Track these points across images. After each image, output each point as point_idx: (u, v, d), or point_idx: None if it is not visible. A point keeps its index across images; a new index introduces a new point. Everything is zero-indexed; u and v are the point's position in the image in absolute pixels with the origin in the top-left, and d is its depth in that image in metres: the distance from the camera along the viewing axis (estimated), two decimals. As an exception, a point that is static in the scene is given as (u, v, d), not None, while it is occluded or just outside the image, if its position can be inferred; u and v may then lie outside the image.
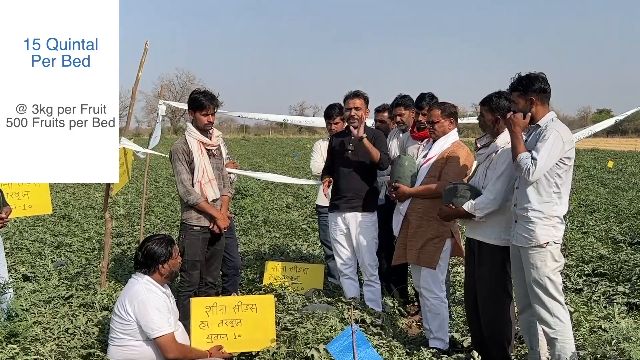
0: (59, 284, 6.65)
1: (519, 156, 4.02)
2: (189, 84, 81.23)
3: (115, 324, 4.30)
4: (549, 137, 3.97)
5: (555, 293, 4.05)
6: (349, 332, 3.60)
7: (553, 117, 4.16)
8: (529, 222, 4.09)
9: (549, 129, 4.03)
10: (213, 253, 5.45)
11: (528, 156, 3.98)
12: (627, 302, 6.08)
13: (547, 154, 3.95)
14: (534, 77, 4.16)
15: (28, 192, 5.37)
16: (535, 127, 4.19)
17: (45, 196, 5.50)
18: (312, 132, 68.46)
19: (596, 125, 7.68)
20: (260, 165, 26.07)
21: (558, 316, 4.06)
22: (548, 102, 4.21)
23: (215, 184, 5.31)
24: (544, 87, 4.14)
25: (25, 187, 5.35)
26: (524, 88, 4.15)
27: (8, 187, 5.25)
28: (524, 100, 4.16)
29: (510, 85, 4.24)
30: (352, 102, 5.67)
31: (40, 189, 5.45)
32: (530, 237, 4.07)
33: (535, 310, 4.14)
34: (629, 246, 8.54)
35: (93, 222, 11.36)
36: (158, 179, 20.01)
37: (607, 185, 17.40)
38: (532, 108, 4.14)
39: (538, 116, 4.16)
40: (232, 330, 4.64)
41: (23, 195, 5.35)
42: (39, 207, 5.53)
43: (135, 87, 6.25)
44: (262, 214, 12.29)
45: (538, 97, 4.14)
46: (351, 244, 5.79)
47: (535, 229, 4.05)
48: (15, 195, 5.31)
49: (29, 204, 5.39)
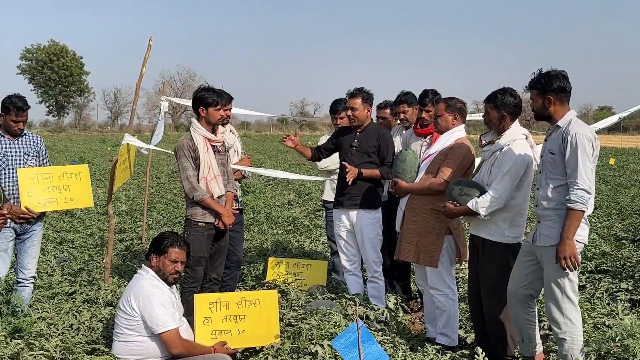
0: (62, 280, 6.67)
1: (579, 199, 3.85)
2: (190, 81, 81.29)
3: (120, 320, 4.30)
4: (579, 153, 3.87)
5: (571, 293, 4.03)
6: (354, 328, 3.60)
7: (572, 117, 4.07)
8: (553, 221, 4.05)
9: (570, 137, 3.91)
10: (217, 249, 5.45)
11: (582, 194, 3.85)
12: (630, 298, 6.08)
13: (585, 171, 3.87)
14: (554, 75, 4.07)
15: (69, 186, 5.42)
16: (555, 128, 4.11)
17: (87, 190, 5.55)
18: (313, 129, 68.50)
19: (599, 122, 7.65)
20: (262, 162, 26.06)
21: (570, 317, 4.04)
22: (568, 101, 4.12)
23: (221, 180, 5.32)
24: (563, 87, 4.07)
25: (66, 181, 5.41)
26: (543, 87, 4.09)
27: (49, 180, 5.32)
28: (542, 99, 4.10)
29: (530, 83, 4.18)
30: (349, 103, 5.71)
31: (82, 183, 5.51)
32: (553, 236, 4.03)
33: (547, 309, 4.12)
34: (631, 243, 8.54)
35: (95, 219, 11.36)
36: (160, 175, 20.00)
37: (609, 183, 17.38)
38: (549, 108, 4.09)
39: (557, 116, 4.09)
40: (235, 326, 4.65)
41: (65, 189, 5.40)
42: (80, 200, 5.59)
43: (139, 83, 6.25)
44: (264, 211, 12.29)
45: (557, 96, 4.06)
46: (355, 241, 5.80)
47: (559, 228, 3.99)
48: (57, 188, 5.36)
49: (71, 197, 5.44)
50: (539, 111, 4.16)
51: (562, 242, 3.90)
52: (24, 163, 5.36)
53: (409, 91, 6.23)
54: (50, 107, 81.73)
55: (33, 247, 5.41)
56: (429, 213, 4.95)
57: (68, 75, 79.85)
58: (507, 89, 4.53)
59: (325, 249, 8.45)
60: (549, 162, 4.09)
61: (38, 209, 5.26)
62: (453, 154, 4.94)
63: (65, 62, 79.30)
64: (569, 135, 3.94)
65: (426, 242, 4.99)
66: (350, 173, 5.52)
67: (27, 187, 5.21)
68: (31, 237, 5.37)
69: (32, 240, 5.39)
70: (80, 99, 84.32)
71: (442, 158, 4.98)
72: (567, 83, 4.09)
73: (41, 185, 5.29)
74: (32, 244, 5.39)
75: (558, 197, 4.03)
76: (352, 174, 5.53)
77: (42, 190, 5.29)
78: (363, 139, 5.72)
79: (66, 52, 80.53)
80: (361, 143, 5.70)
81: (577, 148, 3.89)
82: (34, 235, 5.40)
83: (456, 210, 4.60)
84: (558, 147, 4.01)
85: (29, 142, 5.46)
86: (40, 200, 5.28)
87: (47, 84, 79.58)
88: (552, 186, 4.06)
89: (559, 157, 4.00)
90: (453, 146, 4.98)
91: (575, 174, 3.88)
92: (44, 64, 78.57)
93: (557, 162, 4.02)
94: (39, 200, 5.27)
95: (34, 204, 5.21)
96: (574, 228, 3.90)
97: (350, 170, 5.53)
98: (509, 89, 4.53)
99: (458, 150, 4.96)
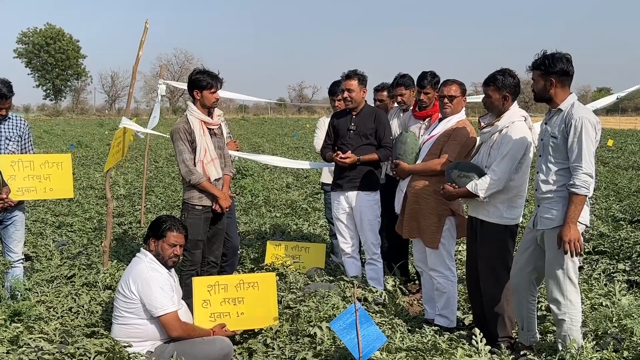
0: (61, 264, 6.69)
1: (583, 184, 3.85)
2: (187, 64, 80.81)
3: (119, 303, 4.31)
4: (583, 137, 3.86)
5: (573, 275, 4.03)
6: (352, 310, 3.61)
7: (574, 100, 4.04)
8: (554, 203, 4.04)
9: (575, 121, 3.89)
10: (215, 232, 5.46)
11: (586, 179, 3.85)
12: (628, 279, 6.11)
13: (588, 155, 3.85)
14: (558, 57, 4.04)
15: (50, 175, 5.39)
16: (557, 111, 4.08)
17: (67, 180, 5.51)
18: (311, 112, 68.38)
19: (597, 102, 7.60)
20: (260, 146, 26.01)
21: (570, 299, 4.04)
22: (569, 84, 4.10)
23: (218, 163, 5.31)
24: (566, 70, 4.04)
25: (47, 171, 5.38)
26: (546, 68, 4.05)
27: (30, 169, 5.30)
28: (544, 81, 4.07)
29: (533, 63, 4.14)
30: (345, 84, 5.68)
31: (62, 173, 5.47)
32: (555, 218, 4.02)
33: (548, 290, 4.12)
34: (629, 224, 8.56)
35: (93, 202, 11.36)
36: (158, 159, 19.98)
37: (607, 164, 17.40)
38: (551, 90, 4.06)
39: (558, 99, 4.07)
40: (234, 309, 4.67)
41: (45, 178, 5.37)
42: (60, 190, 5.54)
43: (135, 66, 6.22)
44: (262, 194, 12.29)
45: (559, 79, 4.03)
46: (354, 223, 5.80)
47: (561, 209, 3.99)
48: (37, 177, 5.33)
49: (50, 187, 5.41)
50: (539, 92, 4.14)
51: (565, 226, 3.90)
52: (5, 148, 5.33)
53: (406, 73, 6.19)
54: (47, 91, 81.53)
55: (17, 232, 5.41)
56: (430, 195, 4.96)
57: (65, 59, 79.56)
58: (506, 69, 4.50)
59: (323, 231, 8.46)
60: (549, 146, 4.07)
61: (16, 197, 5.23)
62: (456, 136, 4.95)
63: (62, 45, 78.95)
64: (573, 119, 3.92)
65: (427, 224, 5.00)
66: (348, 160, 5.52)
67: (7, 174, 5.17)
68: (13, 223, 5.37)
69: (15, 225, 5.38)
70: (77, 82, 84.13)
71: (445, 140, 4.98)
72: (570, 66, 4.07)
73: (21, 172, 5.27)
74: (15, 229, 5.39)
75: (559, 181, 4.02)
76: (350, 160, 5.52)
77: (22, 178, 5.28)
78: (360, 122, 5.70)
79: (63, 36, 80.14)
80: (358, 126, 5.68)
81: (582, 132, 3.87)
82: (16, 221, 5.39)
83: (455, 193, 4.60)
84: (561, 131, 3.99)
85: (11, 126, 5.39)
86: (19, 188, 5.26)
87: (43, 67, 79.32)
88: (553, 170, 4.05)
89: (561, 141, 3.98)
90: (456, 128, 4.98)
91: (579, 158, 3.87)
92: (41, 47, 78.23)
93: (559, 146, 4.01)
94: (18, 188, 5.26)
95: (12, 192, 5.17)
96: (578, 212, 3.90)
97: (347, 157, 5.53)
98: (507, 69, 4.50)
99: (461, 131, 4.97)
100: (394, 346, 4.04)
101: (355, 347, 3.54)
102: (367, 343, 3.59)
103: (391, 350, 3.96)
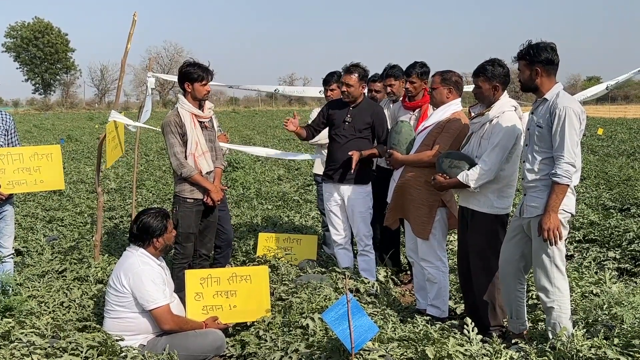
0: (52, 258, 6.66)
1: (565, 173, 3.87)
2: (177, 57, 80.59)
3: (111, 297, 4.30)
4: (566, 127, 3.87)
5: (560, 262, 4.05)
6: (343, 301, 3.62)
7: (559, 90, 4.05)
8: (538, 192, 4.05)
9: (559, 110, 3.91)
10: (207, 225, 5.45)
11: (568, 169, 3.86)
12: (618, 267, 6.16)
13: (571, 144, 3.87)
14: (543, 47, 4.04)
15: (40, 167, 5.35)
16: (542, 101, 4.09)
17: (58, 171, 5.46)
18: (302, 104, 68.22)
19: (587, 90, 7.62)
20: (251, 138, 25.97)
21: (558, 286, 4.06)
22: (555, 73, 4.11)
23: (209, 156, 5.30)
24: (551, 59, 4.04)
25: (37, 162, 5.34)
26: (531, 58, 4.06)
27: (19, 162, 5.26)
28: (529, 70, 4.09)
29: (518, 53, 4.15)
30: (344, 78, 5.64)
31: (53, 164, 5.43)
32: (539, 207, 4.03)
33: (536, 278, 4.14)
34: (619, 212, 8.61)
35: (84, 197, 11.31)
36: (148, 152, 19.91)
37: (597, 153, 17.48)
38: (536, 79, 4.07)
39: (544, 88, 4.08)
40: (227, 301, 4.67)
41: (35, 170, 5.33)
42: (50, 182, 5.50)
43: (124, 59, 6.17)
44: (253, 186, 12.27)
45: (544, 68, 4.04)
46: (345, 215, 5.80)
47: (545, 198, 3.99)
48: (27, 170, 5.29)
49: (41, 179, 5.37)
50: (525, 82, 4.16)
51: (545, 214, 3.92)
52: None
53: (396, 64, 6.18)
54: (36, 85, 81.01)
55: (7, 227, 5.37)
56: (422, 185, 4.95)
57: (54, 52, 79.08)
58: (495, 59, 4.50)
59: (315, 223, 8.47)
60: (535, 135, 4.08)
61: (7, 190, 5.21)
62: (449, 128, 4.93)
63: (51, 39, 78.45)
64: (557, 109, 3.93)
65: (419, 215, 5.00)
66: (354, 159, 5.47)
67: None
68: (3, 218, 5.33)
69: (5, 220, 5.35)
70: (66, 76, 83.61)
71: (439, 131, 4.97)
72: (555, 55, 4.07)
73: (11, 166, 5.24)
74: (5, 224, 5.35)
75: (544, 170, 4.04)
76: (355, 158, 5.48)
77: (12, 171, 5.25)
78: (357, 115, 5.68)
79: (51, 29, 79.64)
80: (354, 119, 5.66)
81: (565, 122, 3.89)
82: (6, 216, 5.35)
83: (446, 183, 4.61)
84: (545, 120, 4.00)
85: None
86: (10, 181, 5.24)
87: (32, 61, 78.79)
88: (539, 159, 4.06)
89: (546, 130, 4.00)
90: (450, 119, 4.96)
91: (562, 147, 3.88)
92: (29, 41, 77.71)
93: (544, 135, 4.02)
94: (8, 182, 5.23)
95: (3, 186, 5.16)
96: (559, 201, 3.92)
97: (353, 155, 5.47)
98: (496, 59, 4.50)
99: (454, 124, 4.94)
100: (386, 336, 4.06)
101: (347, 338, 3.55)
102: (359, 334, 3.60)
103: (383, 341, 3.98)
